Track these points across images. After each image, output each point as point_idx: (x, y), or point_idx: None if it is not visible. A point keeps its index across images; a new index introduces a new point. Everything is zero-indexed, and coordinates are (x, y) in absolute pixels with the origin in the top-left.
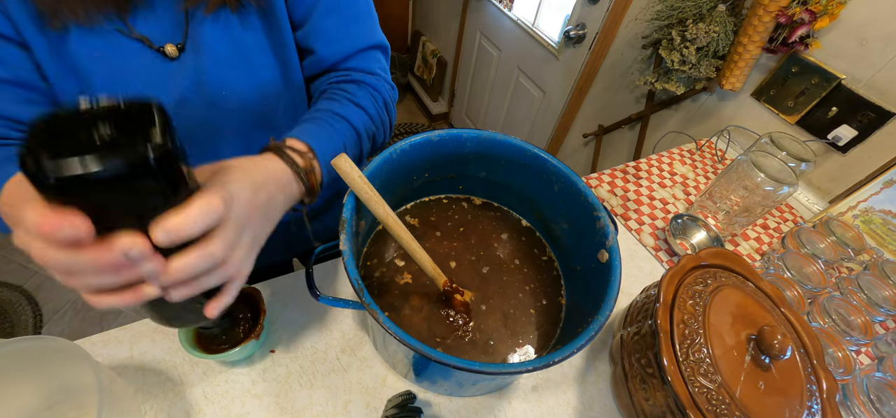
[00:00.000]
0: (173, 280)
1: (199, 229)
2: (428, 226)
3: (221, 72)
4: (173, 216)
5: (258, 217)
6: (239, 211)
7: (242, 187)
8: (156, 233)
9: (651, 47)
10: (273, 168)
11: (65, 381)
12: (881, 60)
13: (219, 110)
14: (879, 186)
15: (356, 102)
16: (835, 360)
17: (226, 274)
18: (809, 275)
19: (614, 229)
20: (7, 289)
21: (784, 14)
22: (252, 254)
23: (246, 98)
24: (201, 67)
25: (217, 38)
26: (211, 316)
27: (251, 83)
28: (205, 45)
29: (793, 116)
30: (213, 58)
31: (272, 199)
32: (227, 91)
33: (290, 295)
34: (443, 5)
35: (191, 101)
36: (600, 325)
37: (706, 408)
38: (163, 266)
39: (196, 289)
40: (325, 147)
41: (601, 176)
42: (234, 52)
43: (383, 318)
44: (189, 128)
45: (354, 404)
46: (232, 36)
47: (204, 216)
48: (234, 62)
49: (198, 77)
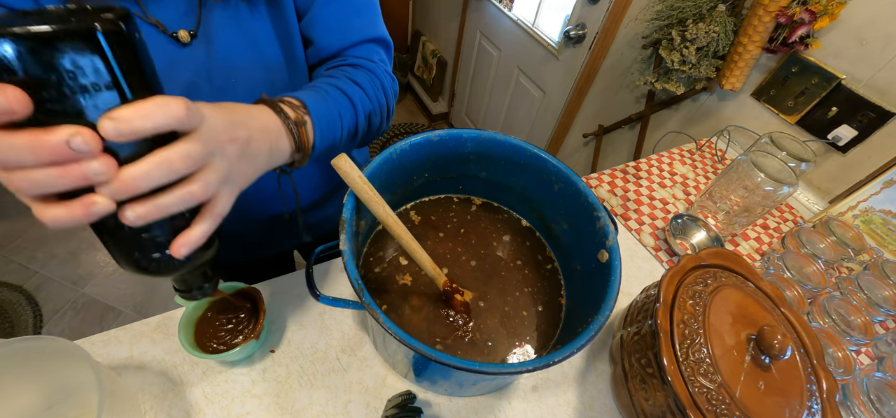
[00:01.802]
0: (126, 188)
1: (152, 124)
2: (428, 226)
3: (231, 58)
4: (123, 108)
5: (234, 150)
6: (209, 131)
7: (217, 113)
8: (102, 121)
9: (651, 47)
10: (260, 115)
11: (65, 381)
12: (881, 60)
13: (227, 96)
14: (879, 186)
15: (354, 80)
16: (835, 360)
17: (188, 192)
18: (809, 275)
19: (614, 229)
20: (7, 289)
21: (784, 14)
22: (227, 191)
23: (253, 85)
24: (212, 54)
25: (227, 24)
26: (177, 255)
27: (259, 70)
28: (216, 31)
29: (793, 116)
30: (224, 44)
31: (253, 141)
32: (235, 78)
33: (290, 295)
34: (443, 5)
35: (200, 87)
36: (600, 325)
37: (706, 408)
38: (113, 168)
39: (154, 208)
40: (320, 109)
41: (601, 176)
42: (243, 40)
43: (383, 318)
44: None
45: (354, 404)
46: (241, 23)
47: (160, 111)
48: (243, 49)
49: (208, 63)
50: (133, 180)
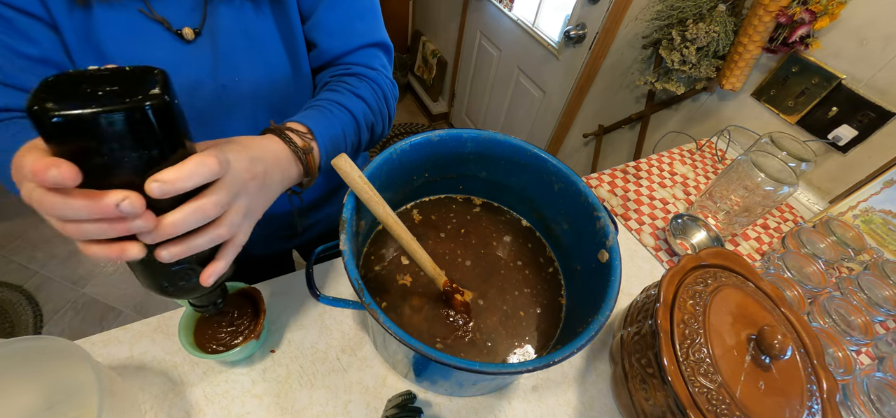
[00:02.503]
0: (163, 235)
1: (192, 183)
2: (428, 227)
3: (234, 57)
4: (168, 170)
5: (254, 186)
6: (234, 176)
7: (239, 156)
8: (150, 184)
9: (651, 47)
10: (272, 146)
11: (65, 381)
12: (881, 60)
13: (230, 95)
14: (879, 186)
15: (356, 93)
16: (835, 360)
17: (217, 235)
18: (809, 275)
19: (614, 229)
20: (7, 289)
21: (784, 14)
22: (247, 223)
23: (256, 84)
24: (216, 52)
25: (232, 23)
26: (206, 284)
27: (262, 70)
28: (220, 29)
29: (793, 116)
30: (228, 43)
31: (268, 174)
32: (238, 76)
33: (289, 295)
34: (443, 5)
35: (204, 85)
36: (600, 325)
37: (706, 408)
38: (154, 222)
39: (187, 249)
40: (325, 131)
41: (601, 176)
42: (246, 39)
43: (383, 318)
44: (200, 112)
45: (354, 404)
46: (245, 22)
47: (198, 170)
48: (246, 48)
49: (212, 61)
50: (171, 227)
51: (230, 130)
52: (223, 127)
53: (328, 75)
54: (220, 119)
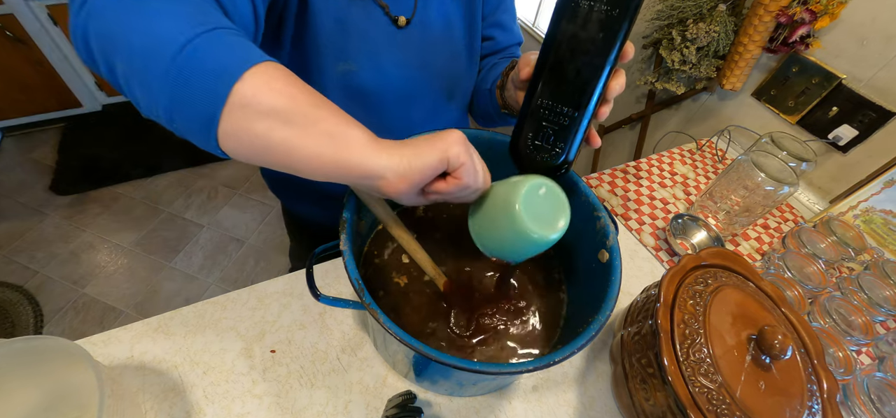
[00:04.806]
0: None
1: None
2: (428, 226)
3: (433, 42)
4: None
5: None
6: None
7: None
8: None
9: (651, 47)
10: None
11: (65, 381)
12: (882, 60)
13: (423, 75)
14: (880, 186)
15: None
16: (835, 360)
17: None
18: (810, 275)
19: (614, 229)
20: (8, 289)
21: (784, 14)
22: None
23: (444, 67)
24: (423, 37)
25: (435, 10)
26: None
27: (450, 54)
28: (427, 17)
29: (793, 116)
30: (431, 29)
31: None
32: (433, 60)
33: (290, 295)
34: None
35: (408, 65)
36: (601, 325)
37: (707, 408)
38: None
39: None
40: None
41: (601, 176)
42: (444, 25)
43: (383, 318)
44: (398, 89)
45: (355, 404)
46: (445, 9)
47: None
48: (442, 33)
49: (418, 46)
50: None
51: (412, 107)
52: (408, 107)
53: (491, 61)
54: (409, 97)
